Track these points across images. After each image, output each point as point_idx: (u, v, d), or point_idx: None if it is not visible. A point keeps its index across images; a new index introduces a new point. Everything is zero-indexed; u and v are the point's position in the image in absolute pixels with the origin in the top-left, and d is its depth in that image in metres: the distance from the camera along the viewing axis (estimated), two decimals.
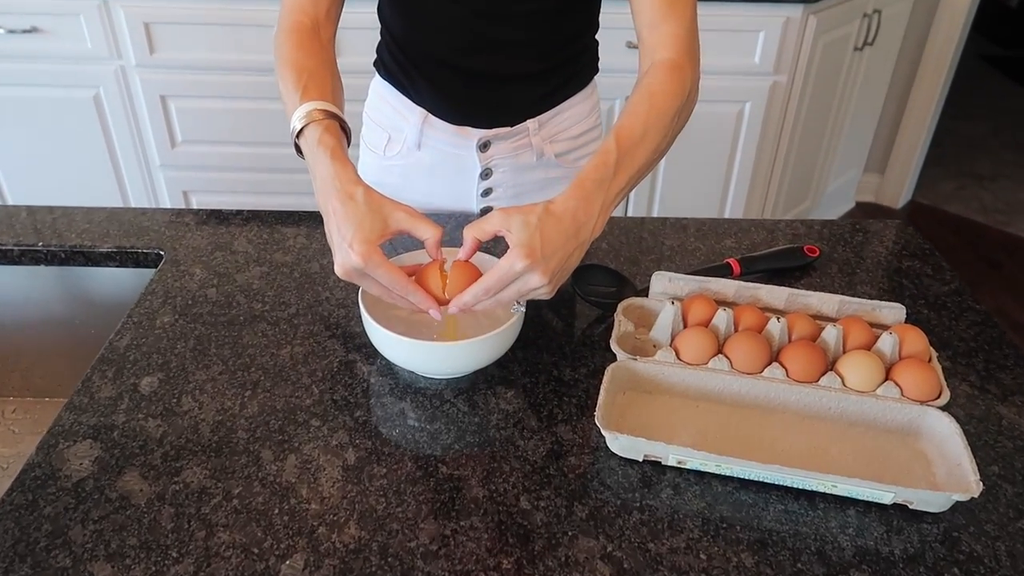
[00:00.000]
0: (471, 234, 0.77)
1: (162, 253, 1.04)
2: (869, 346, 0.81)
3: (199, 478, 0.72)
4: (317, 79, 0.86)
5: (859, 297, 0.92)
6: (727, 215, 2.48)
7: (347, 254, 0.74)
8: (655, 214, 2.46)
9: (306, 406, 0.80)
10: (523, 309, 0.81)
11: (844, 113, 2.69)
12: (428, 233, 0.78)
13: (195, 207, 2.41)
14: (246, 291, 0.97)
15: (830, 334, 0.81)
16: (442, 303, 0.78)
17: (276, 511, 0.69)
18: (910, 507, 0.70)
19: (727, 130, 2.32)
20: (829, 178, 2.87)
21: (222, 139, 2.30)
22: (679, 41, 0.89)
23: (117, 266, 1.05)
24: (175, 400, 0.81)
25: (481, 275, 0.76)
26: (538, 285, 0.74)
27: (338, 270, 0.76)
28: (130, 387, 0.82)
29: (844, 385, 0.78)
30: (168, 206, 2.43)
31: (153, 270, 1.03)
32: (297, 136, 0.83)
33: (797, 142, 2.47)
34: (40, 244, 1.05)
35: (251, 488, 0.71)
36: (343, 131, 0.85)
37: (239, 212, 1.13)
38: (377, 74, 1.14)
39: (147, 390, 0.82)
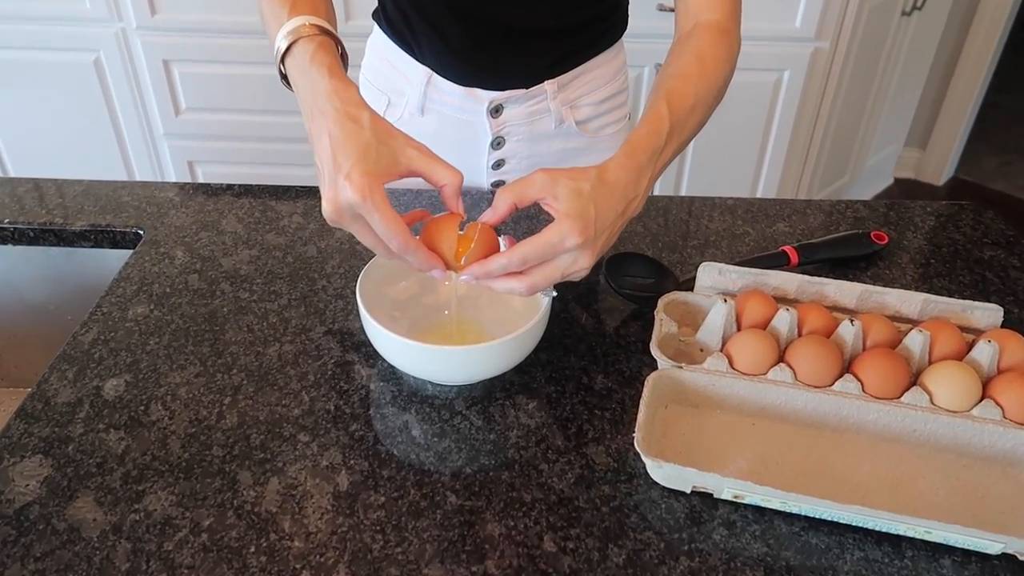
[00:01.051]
0: (508, 197, 0.64)
1: (141, 232, 0.92)
2: (961, 355, 0.69)
3: (163, 505, 0.61)
4: None
5: (936, 294, 0.79)
6: (760, 192, 2.34)
7: (342, 187, 0.60)
8: (684, 192, 2.31)
9: (294, 417, 0.69)
10: (554, 294, 0.69)
11: (887, 83, 2.52)
12: (446, 178, 0.64)
13: (200, 179, 2.32)
14: (232, 278, 0.85)
15: (914, 341, 0.68)
16: (451, 269, 0.66)
17: (252, 549, 0.58)
18: (1021, 558, 0.57)
19: (763, 101, 2.17)
20: (868, 153, 2.71)
21: (229, 107, 2.18)
22: (725, 3, 0.80)
23: (92, 246, 0.94)
24: (143, 408, 0.69)
25: (499, 250, 0.64)
26: (583, 268, 0.63)
27: (326, 209, 0.62)
28: (92, 391, 0.71)
29: (932, 403, 0.65)
30: (173, 178, 2.32)
31: (132, 251, 0.91)
32: (283, 60, 0.69)
33: (837, 114, 2.31)
34: (7, 221, 0.93)
35: (224, 519, 0.60)
36: (340, 55, 0.71)
37: (230, 186, 1.01)
38: (376, 26, 1.00)
39: (111, 395, 0.71)
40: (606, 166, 0.65)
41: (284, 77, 0.71)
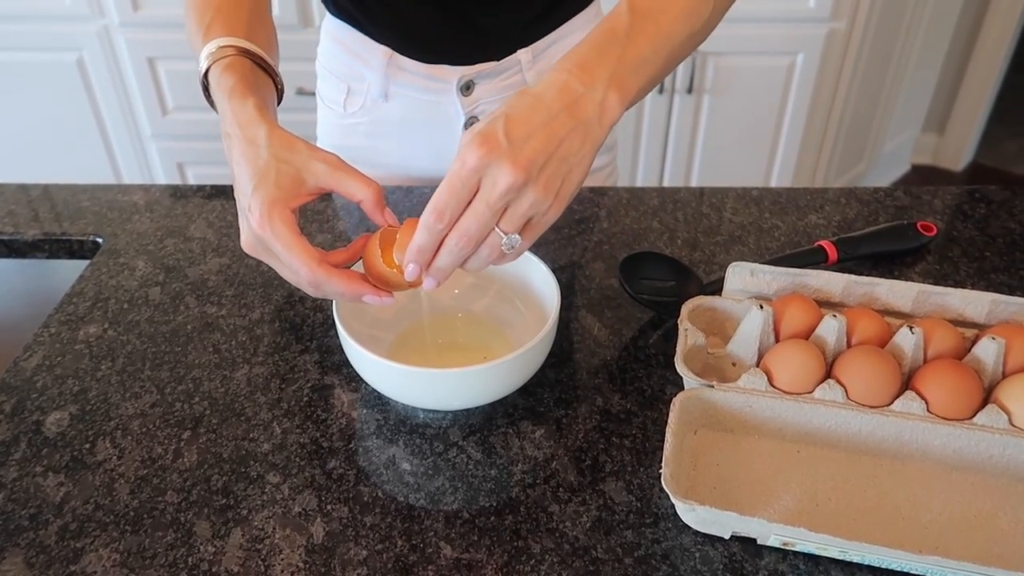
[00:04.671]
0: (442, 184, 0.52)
1: (99, 241, 0.83)
2: None
3: (104, 566, 0.51)
4: (224, 12, 0.66)
5: (996, 291, 0.70)
6: (774, 181, 2.23)
7: (244, 220, 0.56)
8: (694, 182, 2.21)
9: (262, 453, 0.59)
10: (518, 240, 0.52)
11: (904, 65, 2.41)
12: (361, 192, 0.56)
13: (192, 181, 2.23)
14: (199, 290, 0.75)
15: (986, 349, 0.58)
16: (392, 287, 0.56)
17: None
18: None
19: (776, 85, 2.06)
20: (885, 138, 2.60)
21: None
22: None
23: (47, 257, 0.85)
24: (88, 446, 0.60)
25: None
26: (512, 183, 0.48)
27: (243, 244, 0.58)
28: (31, 427, 0.62)
29: (1011, 424, 0.55)
30: (163, 180, 2.23)
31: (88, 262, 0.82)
32: (206, 89, 0.65)
33: (854, 99, 2.21)
34: None
35: None
36: (266, 72, 0.65)
37: (200, 188, 0.91)
38: (328, 12, 0.90)
39: (53, 431, 0.61)
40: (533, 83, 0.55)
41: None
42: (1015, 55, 2.80)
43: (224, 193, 0.90)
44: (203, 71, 0.64)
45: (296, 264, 0.54)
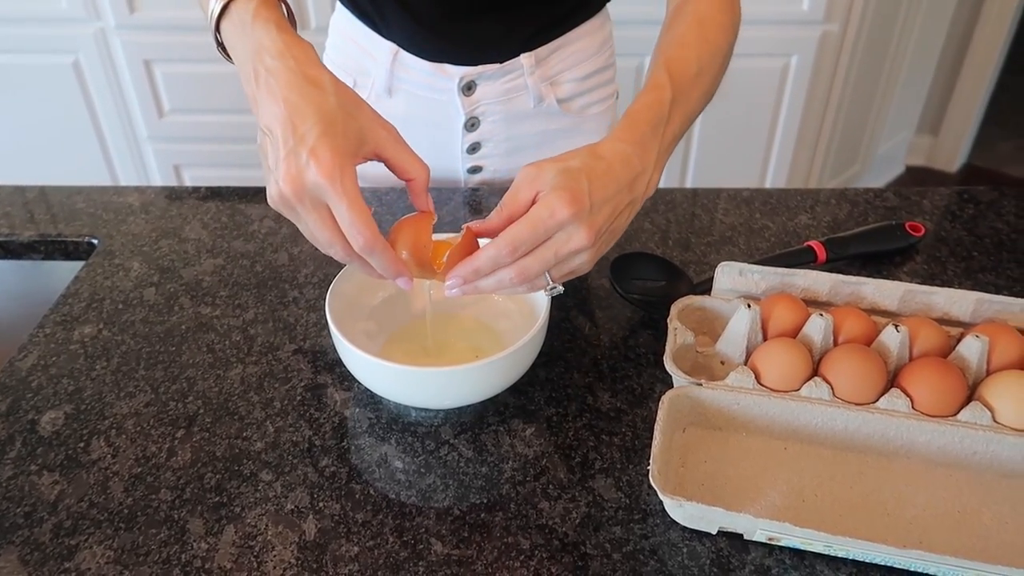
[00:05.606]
0: (501, 212, 0.55)
1: (94, 242, 0.83)
2: None
3: (98, 563, 0.52)
4: None
5: (983, 290, 0.70)
6: (769, 183, 2.24)
7: (306, 165, 0.50)
8: (689, 184, 2.22)
9: (256, 452, 0.60)
10: (560, 289, 0.57)
11: (898, 67, 2.42)
12: (416, 170, 0.56)
13: (188, 183, 2.23)
14: (193, 291, 0.76)
15: (970, 347, 0.59)
16: (422, 276, 0.57)
17: None
18: None
19: (770, 88, 2.07)
20: (880, 140, 2.61)
21: (214, 107, 2.09)
22: None
23: (42, 258, 0.85)
24: (82, 445, 0.60)
25: None
26: (581, 247, 0.54)
27: (282, 190, 0.52)
28: (26, 426, 0.62)
29: (994, 420, 0.56)
30: (159, 182, 2.23)
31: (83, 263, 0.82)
32: (218, 24, 0.59)
33: (848, 100, 2.21)
34: None
35: None
36: (288, 17, 0.61)
37: (195, 189, 0.92)
38: (338, 4, 0.91)
39: (48, 430, 0.62)
40: (600, 142, 0.57)
41: (221, 45, 0.61)
42: (1008, 57, 2.81)
43: (219, 195, 0.91)
44: (224, 3, 0.58)
45: (359, 227, 0.51)
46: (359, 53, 0.89)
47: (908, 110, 2.75)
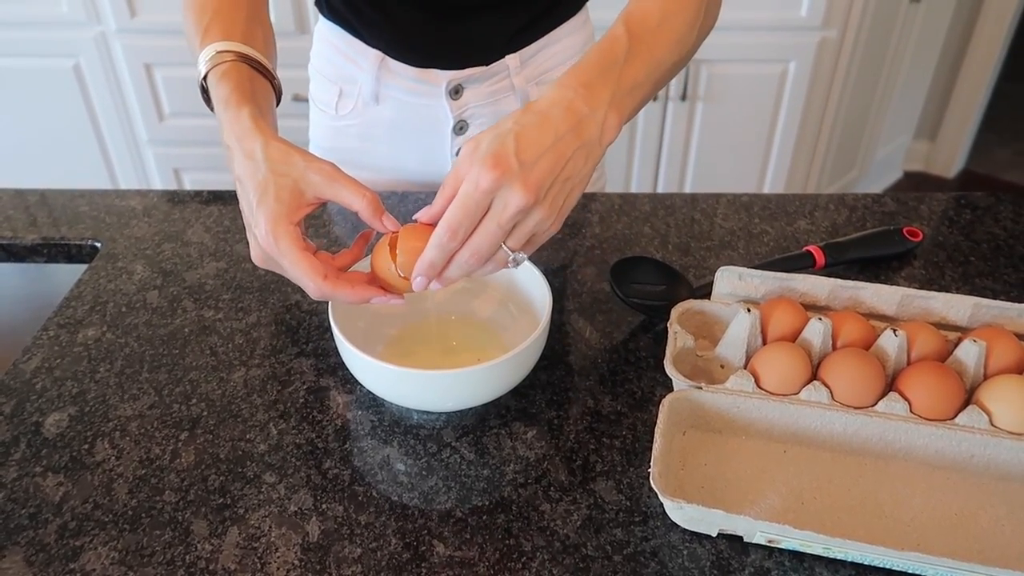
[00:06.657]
0: (443, 191, 0.54)
1: (98, 245, 0.84)
2: (1022, 368, 0.60)
3: (103, 564, 0.52)
4: (222, 15, 0.67)
5: (980, 295, 0.71)
6: (767, 188, 2.25)
7: (253, 235, 0.59)
8: (688, 188, 2.23)
9: (259, 454, 0.60)
10: (524, 257, 0.56)
11: (896, 73, 2.43)
12: (356, 201, 0.56)
13: (188, 187, 2.24)
14: (196, 294, 0.76)
15: (968, 351, 0.59)
16: (399, 291, 0.58)
17: None
18: None
19: (768, 93, 2.08)
20: (878, 146, 2.62)
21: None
22: None
23: (45, 261, 0.86)
24: (87, 446, 0.61)
25: None
26: (520, 207, 0.51)
27: (252, 255, 0.61)
28: (31, 428, 0.62)
29: (992, 424, 0.57)
30: (159, 186, 2.23)
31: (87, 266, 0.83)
32: (205, 92, 0.66)
33: (846, 106, 2.22)
34: None
35: None
36: (265, 77, 0.66)
37: (198, 193, 0.92)
38: (321, 15, 0.92)
39: (52, 432, 0.62)
40: (538, 98, 0.55)
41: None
42: (1006, 63, 2.83)
43: (221, 198, 0.91)
44: (201, 76, 0.65)
45: (303, 279, 0.56)
46: (344, 61, 0.89)
47: (906, 116, 2.76)
